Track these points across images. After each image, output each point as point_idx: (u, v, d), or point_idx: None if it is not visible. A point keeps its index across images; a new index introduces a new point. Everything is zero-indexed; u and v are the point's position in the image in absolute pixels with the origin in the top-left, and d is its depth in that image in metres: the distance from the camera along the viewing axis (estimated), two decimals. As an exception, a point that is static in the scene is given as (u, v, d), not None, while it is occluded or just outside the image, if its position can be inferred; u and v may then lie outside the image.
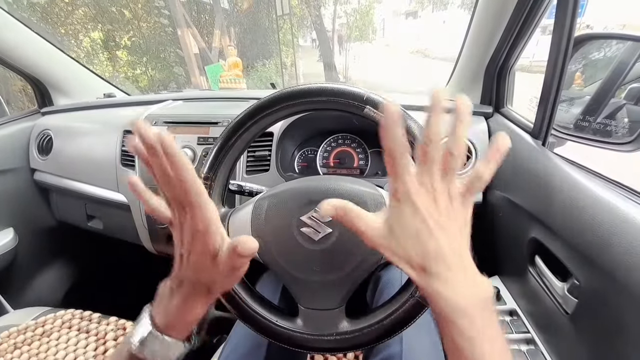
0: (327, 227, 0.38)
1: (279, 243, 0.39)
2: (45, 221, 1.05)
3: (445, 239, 0.25)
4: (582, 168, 0.49)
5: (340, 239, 0.38)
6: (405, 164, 0.25)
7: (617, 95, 0.58)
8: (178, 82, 4.27)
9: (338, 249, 0.38)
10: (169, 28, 4.16)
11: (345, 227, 0.29)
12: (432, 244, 0.25)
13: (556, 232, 0.45)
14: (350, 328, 0.39)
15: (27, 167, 0.98)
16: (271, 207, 0.40)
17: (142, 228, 0.82)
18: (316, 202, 0.36)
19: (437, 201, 0.25)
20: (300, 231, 0.38)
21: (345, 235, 0.37)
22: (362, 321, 0.39)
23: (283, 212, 0.39)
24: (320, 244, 0.38)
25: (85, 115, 0.95)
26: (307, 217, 0.38)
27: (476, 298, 0.25)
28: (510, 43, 0.66)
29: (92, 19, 4.03)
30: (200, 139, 0.73)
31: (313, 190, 0.39)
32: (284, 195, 0.40)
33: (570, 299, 0.42)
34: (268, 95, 0.41)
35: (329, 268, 0.39)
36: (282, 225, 0.39)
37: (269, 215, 0.39)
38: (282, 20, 5.21)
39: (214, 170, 0.43)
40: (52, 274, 1.10)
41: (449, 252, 0.25)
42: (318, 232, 0.38)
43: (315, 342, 0.40)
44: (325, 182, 0.40)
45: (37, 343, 0.68)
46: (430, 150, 0.25)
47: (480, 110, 0.74)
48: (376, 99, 0.39)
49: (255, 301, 0.41)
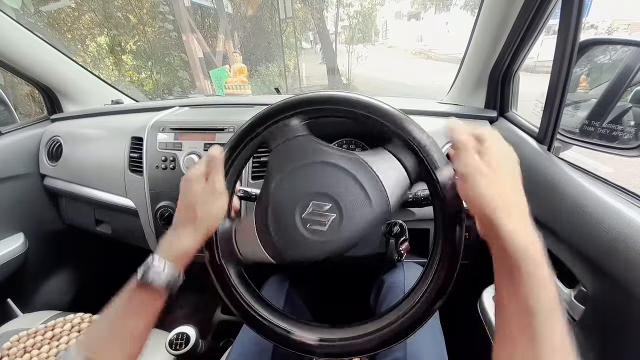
0: (329, 213, 0.39)
1: (290, 246, 0.40)
2: (55, 226, 1.06)
3: (502, 188, 0.31)
4: (588, 173, 0.49)
5: (346, 214, 0.38)
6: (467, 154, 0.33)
7: (622, 98, 0.58)
8: (183, 86, 4.31)
9: (350, 224, 0.38)
10: (173, 33, 4.20)
11: (343, 202, 0.38)
12: (495, 189, 0.31)
13: (562, 238, 0.45)
14: (355, 333, 0.39)
15: (37, 173, 1.00)
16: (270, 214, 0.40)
17: (149, 232, 0.83)
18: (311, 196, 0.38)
19: (486, 167, 0.32)
20: (308, 229, 0.39)
21: (348, 210, 0.38)
22: (369, 325, 0.40)
23: (281, 217, 0.40)
24: (330, 231, 0.39)
25: (94, 122, 0.97)
26: (308, 213, 0.39)
27: (535, 242, 0.29)
28: (515, 47, 0.66)
29: (98, 25, 4.09)
30: (207, 145, 0.74)
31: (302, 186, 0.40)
32: (281, 202, 0.41)
33: (578, 305, 0.42)
34: (277, 103, 0.42)
35: (348, 243, 0.39)
36: (287, 228, 0.39)
37: (271, 221, 0.40)
38: (285, 24, 5.24)
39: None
40: (61, 278, 1.11)
41: (510, 195, 0.31)
42: (325, 222, 0.39)
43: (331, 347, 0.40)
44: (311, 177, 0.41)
45: (47, 347, 0.69)
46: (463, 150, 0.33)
47: (484, 115, 0.74)
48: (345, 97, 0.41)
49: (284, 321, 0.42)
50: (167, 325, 0.68)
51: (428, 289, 0.38)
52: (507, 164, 0.33)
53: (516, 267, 0.28)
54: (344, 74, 6.22)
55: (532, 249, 0.28)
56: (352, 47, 6.31)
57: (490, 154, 0.32)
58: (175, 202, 0.77)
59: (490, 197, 0.30)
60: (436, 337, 0.56)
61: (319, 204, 0.39)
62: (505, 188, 0.31)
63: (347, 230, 0.38)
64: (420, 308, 0.38)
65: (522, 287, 0.27)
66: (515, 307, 0.28)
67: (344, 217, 0.38)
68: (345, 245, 0.39)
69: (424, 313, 0.38)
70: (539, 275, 0.27)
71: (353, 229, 0.39)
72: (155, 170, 0.77)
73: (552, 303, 0.27)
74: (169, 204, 0.76)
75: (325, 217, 0.38)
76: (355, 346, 0.39)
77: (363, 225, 0.39)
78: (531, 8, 0.58)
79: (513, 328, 0.28)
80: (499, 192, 0.30)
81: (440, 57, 9.38)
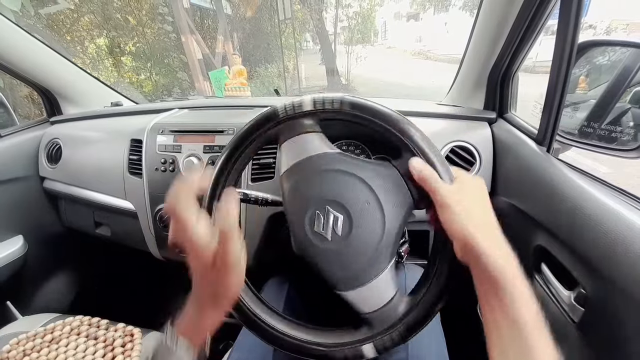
0: (336, 212, 0.39)
1: (311, 262, 0.40)
2: (54, 228, 1.06)
3: (475, 213, 0.34)
4: (587, 175, 0.49)
5: (353, 216, 0.39)
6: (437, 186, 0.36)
7: (621, 99, 0.58)
8: (182, 87, 4.31)
9: (357, 226, 0.39)
10: (172, 34, 4.21)
11: (347, 205, 0.38)
12: (468, 215, 0.34)
13: (562, 240, 0.45)
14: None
15: (37, 176, 1.00)
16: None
17: (149, 235, 0.83)
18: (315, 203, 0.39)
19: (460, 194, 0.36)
20: (315, 232, 0.39)
21: (355, 212, 0.39)
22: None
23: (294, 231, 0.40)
24: (339, 235, 0.39)
25: (94, 124, 0.97)
26: (314, 218, 0.39)
27: (511, 260, 0.31)
28: (514, 48, 0.66)
29: (97, 26, 4.09)
30: (206, 148, 0.74)
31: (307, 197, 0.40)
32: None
33: (577, 307, 0.42)
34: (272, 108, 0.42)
35: (362, 249, 0.39)
36: (300, 241, 0.40)
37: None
38: (285, 25, 5.25)
39: (222, 179, 0.44)
40: (60, 280, 1.11)
41: (482, 218, 0.34)
42: (329, 224, 0.39)
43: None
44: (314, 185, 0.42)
45: (46, 350, 0.69)
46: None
47: (483, 116, 0.74)
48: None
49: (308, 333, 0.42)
50: (165, 327, 0.68)
51: (428, 292, 0.38)
52: (476, 192, 0.37)
53: (496, 284, 0.30)
54: (343, 75, 6.23)
55: (508, 266, 0.31)
56: (351, 47, 6.32)
57: (462, 184, 0.37)
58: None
59: (466, 222, 0.33)
60: (437, 338, 0.56)
61: (330, 211, 0.39)
62: (477, 213, 0.34)
63: (359, 228, 0.39)
64: (421, 310, 0.38)
65: (504, 303, 0.30)
66: (501, 322, 0.30)
67: (353, 225, 0.39)
68: (359, 245, 0.39)
69: (424, 315, 0.38)
70: (519, 291, 0.30)
71: (362, 240, 0.39)
72: (155, 173, 0.77)
73: (535, 317, 0.29)
74: None
75: (332, 223, 0.39)
76: (357, 349, 0.39)
77: (373, 236, 0.39)
78: (530, 9, 0.58)
79: (503, 340, 0.30)
80: (472, 217, 0.34)
81: (439, 57, 9.40)
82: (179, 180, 0.31)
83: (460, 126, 0.73)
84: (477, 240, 0.32)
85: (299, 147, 0.42)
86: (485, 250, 0.31)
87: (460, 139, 0.69)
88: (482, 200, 0.36)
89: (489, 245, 0.31)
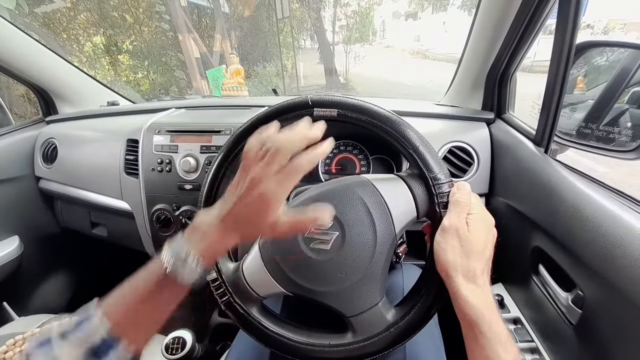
0: (331, 231, 0.38)
1: (299, 271, 0.39)
2: (50, 229, 1.06)
3: (470, 255, 0.34)
4: (585, 176, 0.49)
5: (349, 233, 0.38)
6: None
7: (619, 100, 0.58)
8: (179, 85, 4.29)
9: (352, 244, 0.38)
10: (170, 32, 4.18)
11: (345, 221, 0.38)
12: (461, 256, 0.34)
13: (560, 241, 0.45)
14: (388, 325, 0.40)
15: (32, 176, 0.99)
16: (274, 243, 0.41)
17: (145, 235, 0.83)
18: None
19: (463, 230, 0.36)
20: (311, 248, 0.39)
21: (351, 228, 0.38)
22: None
23: (285, 243, 0.40)
24: (333, 250, 0.39)
25: (90, 124, 0.96)
26: (310, 232, 0.39)
27: (491, 307, 0.32)
28: (512, 49, 0.66)
29: (94, 24, 4.06)
30: (203, 148, 0.74)
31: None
32: None
33: (575, 309, 0.42)
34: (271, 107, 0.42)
35: (353, 266, 0.39)
36: (293, 252, 0.39)
37: (276, 250, 0.40)
38: (283, 24, 5.23)
39: (218, 181, 0.44)
40: (57, 281, 1.10)
41: (476, 263, 0.34)
42: (327, 240, 0.38)
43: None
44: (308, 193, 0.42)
45: (43, 351, 0.69)
46: None
47: (481, 117, 0.74)
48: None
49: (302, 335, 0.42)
50: (163, 329, 0.67)
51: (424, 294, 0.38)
52: (483, 227, 0.36)
53: (472, 324, 0.32)
54: (342, 74, 6.22)
55: (486, 312, 0.31)
56: (349, 46, 6.31)
57: (475, 222, 0.36)
58: (171, 205, 0.76)
59: (454, 262, 0.34)
60: (435, 339, 0.56)
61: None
62: (468, 254, 0.34)
63: (352, 247, 0.39)
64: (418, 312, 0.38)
65: (479, 343, 0.31)
66: (478, 358, 0.31)
67: (346, 237, 0.39)
68: (350, 264, 0.39)
69: (421, 317, 0.38)
70: (495, 334, 0.31)
71: (359, 246, 0.39)
72: (151, 173, 0.76)
73: (514, 358, 0.30)
74: (165, 207, 0.76)
75: (329, 235, 0.39)
76: (355, 351, 0.39)
77: (367, 242, 0.39)
78: (529, 9, 0.57)
79: None
80: (459, 258, 0.34)
81: (437, 56, 9.40)
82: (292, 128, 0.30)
83: (458, 127, 0.73)
84: (457, 283, 0.33)
85: None
86: (465, 294, 0.32)
87: (458, 139, 0.69)
88: (484, 240, 0.35)
89: (471, 291, 0.32)
